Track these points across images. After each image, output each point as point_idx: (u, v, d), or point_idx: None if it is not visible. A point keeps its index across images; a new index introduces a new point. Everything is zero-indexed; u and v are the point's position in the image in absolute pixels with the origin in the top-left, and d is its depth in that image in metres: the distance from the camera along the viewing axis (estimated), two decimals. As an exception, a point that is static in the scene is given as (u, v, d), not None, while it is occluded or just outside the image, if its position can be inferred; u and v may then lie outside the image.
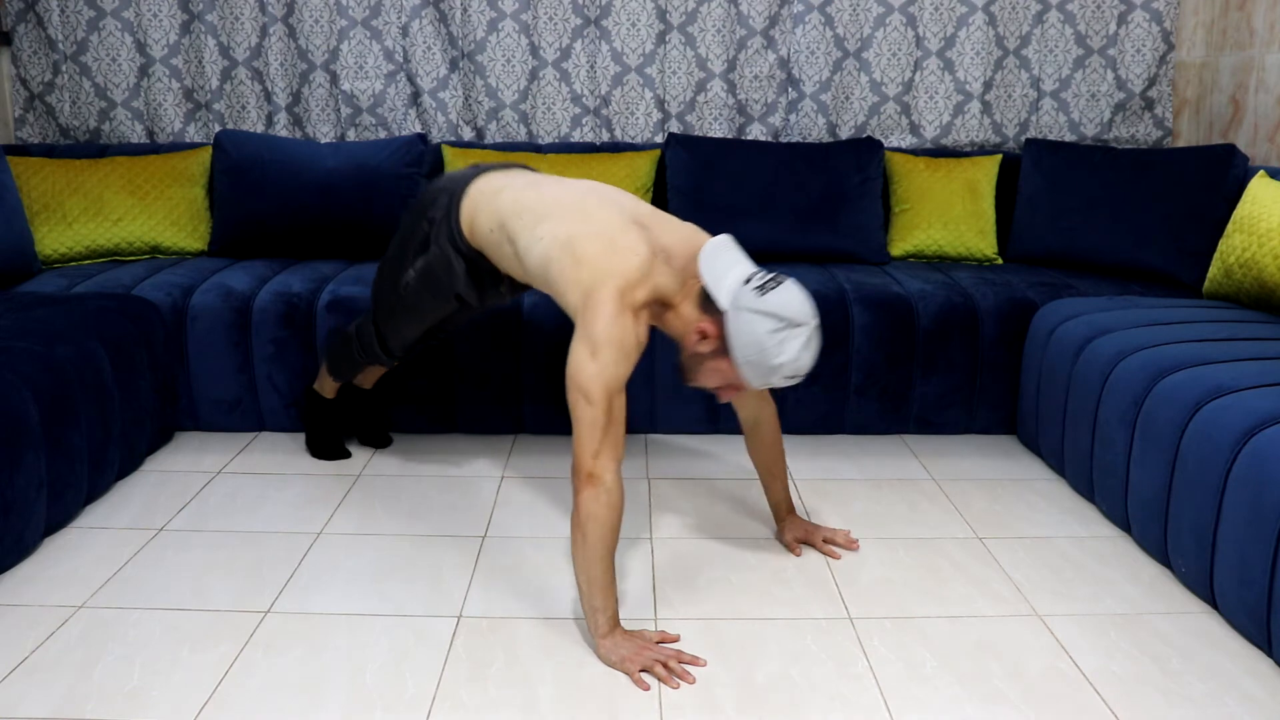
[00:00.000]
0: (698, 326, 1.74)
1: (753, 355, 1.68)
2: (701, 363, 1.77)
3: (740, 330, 1.68)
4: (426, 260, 2.07)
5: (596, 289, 1.68)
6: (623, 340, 1.66)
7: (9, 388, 1.95)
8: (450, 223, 2.01)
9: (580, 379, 1.65)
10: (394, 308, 2.20)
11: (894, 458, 2.66)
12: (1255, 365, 1.99)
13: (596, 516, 1.65)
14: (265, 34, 3.35)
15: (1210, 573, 1.84)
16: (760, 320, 1.66)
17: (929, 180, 3.20)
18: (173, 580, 1.96)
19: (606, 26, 3.37)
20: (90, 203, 2.99)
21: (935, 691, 1.63)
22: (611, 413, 1.66)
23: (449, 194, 2.04)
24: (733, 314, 1.69)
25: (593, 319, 1.67)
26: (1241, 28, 3.08)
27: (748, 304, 1.67)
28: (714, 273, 1.73)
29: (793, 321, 1.67)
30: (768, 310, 1.66)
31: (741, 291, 1.69)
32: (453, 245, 2.02)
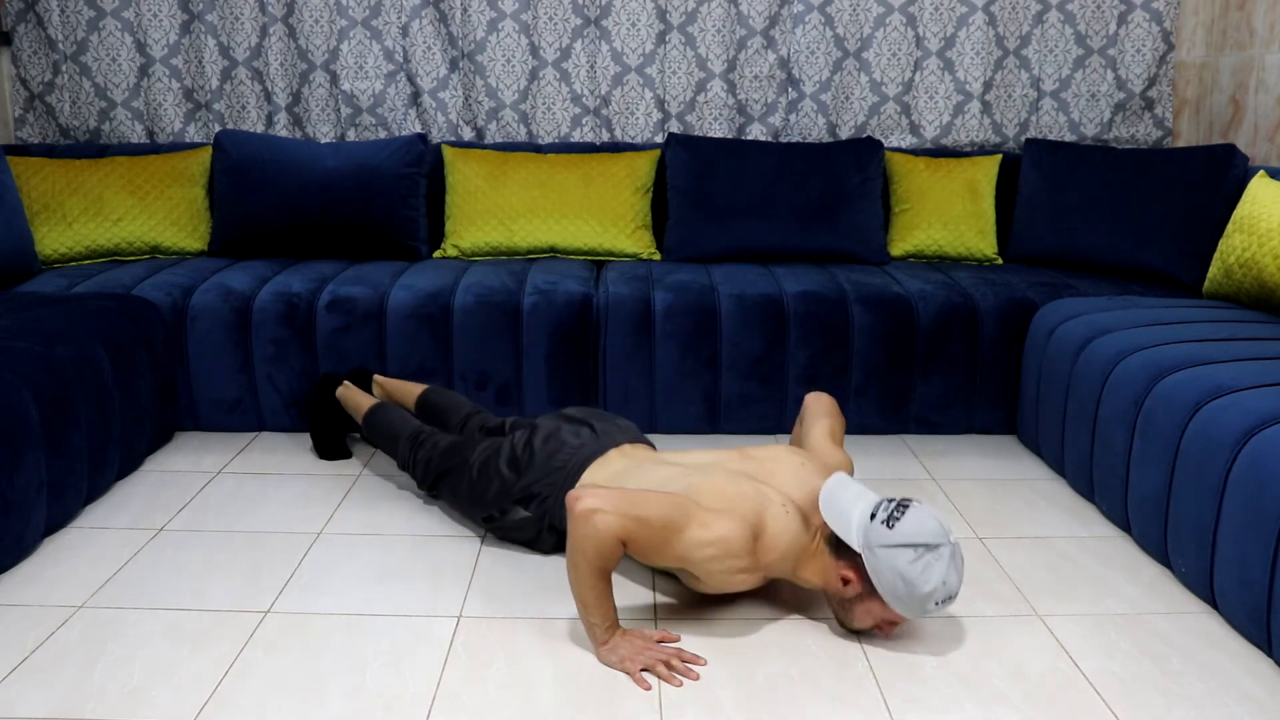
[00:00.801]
0: (839, 574, 1.71)
1: (900, 591, 1.64)
2: (852, 608, 1.73)
3: (881, 569, 1.65)
4: (521, 519, 2.03)
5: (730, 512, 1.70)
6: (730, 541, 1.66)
7: (9, 388, 1.95)
8: (558, 506, 1.97)
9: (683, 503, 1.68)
10: (462, 508, 2.18)
11: (894, 458, 2.66)
12: (1255, 365, 1.99)
13: (583, 551, 1.64)
14: (265, 34, 3.35)
15: (1210, 573, 1.84)
16: (898, 554, 1.63)
17: (929, 180, 3.20)
18: (173, 580, 1.96)
19: (606, 26, 3.37)
20: (90, 203, 2.99)
21: (935, 691, 1.63)
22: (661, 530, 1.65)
23: (564, 473, 2.00)
24: (868, 554, 1.66)
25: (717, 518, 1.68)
26: (1241, 28, 3.08)
27: (880, 540, 1.65)
28: (838, 516, 1.71)
29: (930, 545, 1.64)
30: (902, 542, 1.63)
31: (870, 529, 1.66)
32: (551, 526, 2.01)
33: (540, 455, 2.04)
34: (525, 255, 3.15)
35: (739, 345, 2.70)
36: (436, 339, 2.69)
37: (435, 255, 3.17)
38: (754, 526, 1.70)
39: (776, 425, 2.78)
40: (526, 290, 2.73)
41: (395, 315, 2.68)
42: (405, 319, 2.68)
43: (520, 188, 3.13)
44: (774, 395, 2.74)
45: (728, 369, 2.72)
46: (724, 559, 1.68)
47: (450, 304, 2.69)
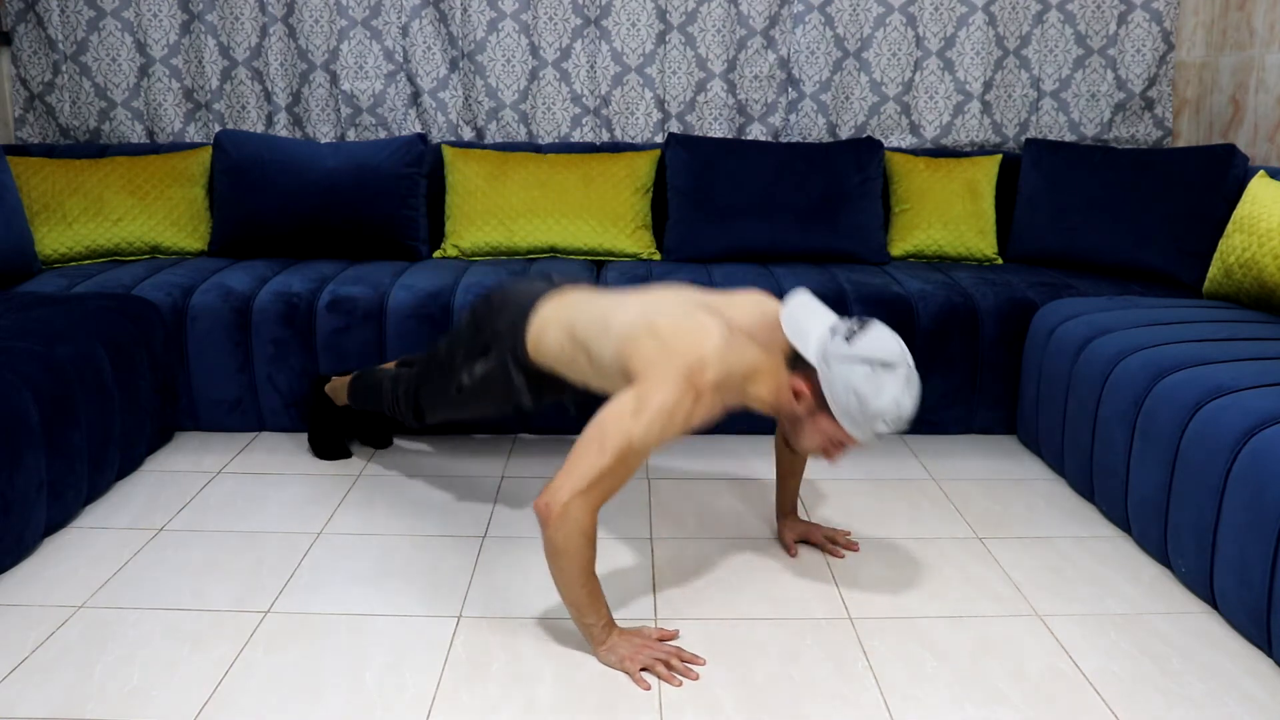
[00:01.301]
0: (791, 386, 1.70)
1: (851, 405, 1.62)
2: (801, 423, 1.71)
3: (834, 381, 1.62)
4: (486, 369, 2.02)
5: (668, 360, 1.64)
6: (673, 414, 1.61)
7: (9, 388, 1.95)
8: (515, 340, 1.97)
9: (609, 426, 1.61)
10: (443, 401, 2.17)
11: (894, 458, 2.66)
12: (1255, 365, 1.99)
13: (568, 553, 1.62)
14: (265, 34, 3.35)
15: (1210, 573, 1.84)
16: (853, 368, 1.61)
17: (929, 180, 3.20)
18: (173, 580, 1.96)
19: (606, 26, 3.37)
20: (90, 203, 3.00)
21: (935, 691, 1.63)
22: (620, 469, 1.61)
23: (516, 309, 1.99)
24: (823, 367, 1.64)
25: (653, 386, 1.62)
26: (1241, 28, 3.08)
27: (838, 354, 1.62)
28: (798, 330, 1.69)
29: (885, 363, 1.61)
30: (859, 356, 1.61)
31: (829, 343, 1.65)
32: (515, 361, 1.99)
33: (496, 302, 2.04)
34: (525, 255, 3.15)
35: (739, 345, 2.70)
36: (437, 339, 2.69)
37: (435, 255, 3.18)
38: (688, 370, 1.63)
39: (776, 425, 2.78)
40: (526, 290, 2.73)
41: (395, 315, 2.68)
42: (405, 319, 2.68)
43: (520, 188, 3.13)
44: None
45: (728, 369, 2.71)
46: (673, 423, 1.62)
47: (450, 304, 2.69)
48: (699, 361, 1.64)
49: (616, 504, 2.35)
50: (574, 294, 1.99)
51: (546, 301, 1.97)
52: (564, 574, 1.65)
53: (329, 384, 2.58)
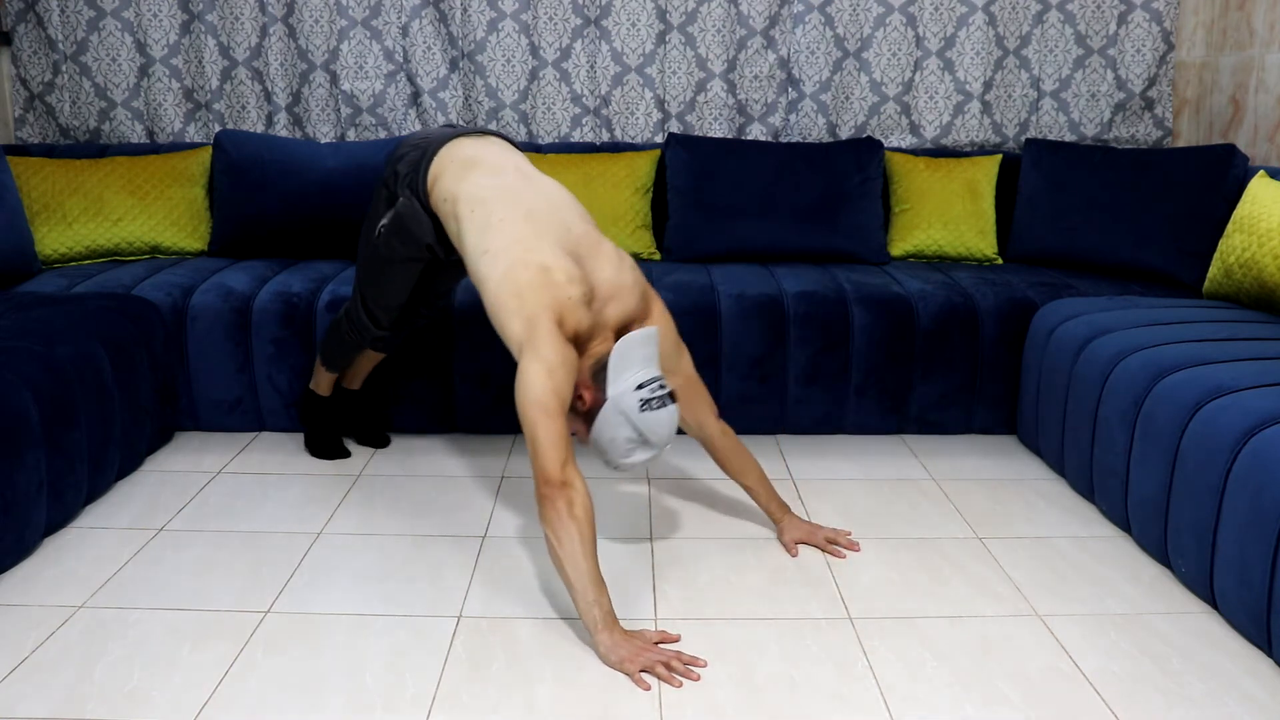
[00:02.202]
0: (584, 387, 1.84)
1: (604, 444, 1.83)
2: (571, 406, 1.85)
3: (607, 423, 1.81)
4: (396, 211, 2.14)
5: (538, 317, 1.77)
6: (565, 361, 1.76)
7: (9, 388, 1.95)
8: (417, 176, 2.09)
9: (540, 395, 1.72)
10: (372, 266, 2.26)
11: (894, 458, 2.66)
12: (1255, 365, 1.99)
13: (579, 520, 1.70)
14: (265, 34, 3.35)
15: (1210, 573, 1.84)
16: (624, 427, 1.79)
17: (929, 180, 3.20)
18: (173, 580, 1.96)
19: (606, 26, 3.37)
20: (90, 203, 2.99)
21: (935, 691, 1.63)
22: (559, 420, 1.74)
23: (421, 150, 2.12)
24: (609, 405, 1.80)
25: (540, 343, 1.75)
26: (1241, 28, 3.08)
27: (626, 407, 1.79)
28: (621, 362, 1.82)
29: (649, 442, 1.81)
30: (638, 425, 1.79)
31: (629, 395, 1.79)
32: (417, 198, 2.10)
33: (399, 149, 2.17)
34: (525, 255, 3.15)
35: (739, 345, 2.70)
36: (436, 339, 2.69)
37: (435, 255, 3.17)
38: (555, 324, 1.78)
39: (777, 425, 2.78)
40: (526, 290, 2.73)
41: (395, 315, 2.68)
42: (405, 319, 2.68)
43: (520, 188, 3.12)
44: (774, 395, 2.74)
45: (728, 369, 2.72)
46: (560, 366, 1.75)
47: (450, 304, 2.69)
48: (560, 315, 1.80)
49: (617, 504, 2.35)
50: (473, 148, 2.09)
51: (448, 147, 2.09)
52: (574, 550, 1.69)
53: (311, 380, 2.60)
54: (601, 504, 2.34)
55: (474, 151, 2.08)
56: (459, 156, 2.07)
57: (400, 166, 2.14)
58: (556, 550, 1.70)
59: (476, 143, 2.12)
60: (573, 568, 1.69)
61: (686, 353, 2.10)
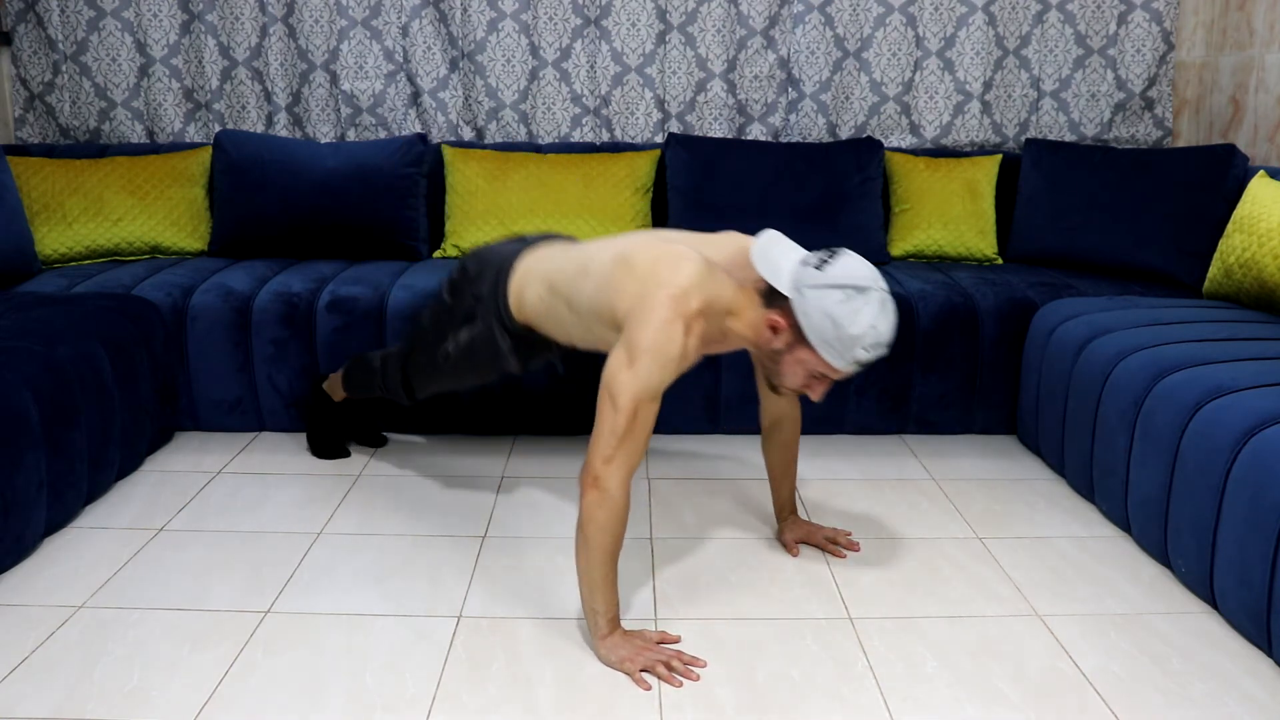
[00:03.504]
0: (767, 320, 1.69)
1: (829, 332, 1.61)
2: (780, 359, 1.71)
3: (810, 310, 1.62)
4: (471, 335, 2.03)
5: (649, 294, 1.63)
6: (666, 348, 1.60)
7: (9, 388, 1.95)
8: (497, 300, 1.97)
9: (612, 383, 1.62)
10: (430, 372, 2.18)
11: (894, 458, 2.66)
12: (1255, 365, 1.99)
13: (597, 521, 1.64)
14: (265, 34, 3.35)
15: (1210, 573, 1.84)
16: (827, 294, 1.60)
17: (929, 180, 3.20)
18: (173, 580, 1.96)
19: (606, 26, 3.37)
20: (90, 203, 2.99)
21: (935, 691, 1.63)
22: (635, 422, 1.61)
23: (495, 270, 1.99)
24: (797, 297, 1.63)
25: (639, 325, 1.62)
26: (1241, 28, 3.08)
27: (810, 281, 1.62)
28: (770, 264, 1.68)
29: (859, 287, 1.61)
30: (832, 282, 1.60)
31: (801, 272, 1.64)
32: (499, 323, 1.99)
33: (472, 269, 2.04)
34: (525, 255, 3.15)
35: (739, 345, 2.70)
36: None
37: (435, 255, 3.18)
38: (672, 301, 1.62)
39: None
40: (526, 290, 2.73)
41: (395, 315, 2.68)
42: (405, 319, 2.68)
43: (520, 188, 3.13)
44: (774, 395, 2.74)
45: (728, 369, 2.72)
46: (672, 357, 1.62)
47: (450, 304, 2.69)
48: (681, 291, 1.63)
49: (616, 504, 2.35)
50: (549, 248, 1.99)
51: (523, 259, 1.98)
52: (590, 549, 1.65)
53: (326, 381, 2.59)
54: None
55: (547, 250, 1.98)
56: (534, 264, 1.95)
57: (478, 289, 2.00)
58: (576, 548, 1.68)
59: (546, 245, 2.02)
60: (584, 571, 1.68)
61: None
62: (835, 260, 1.64)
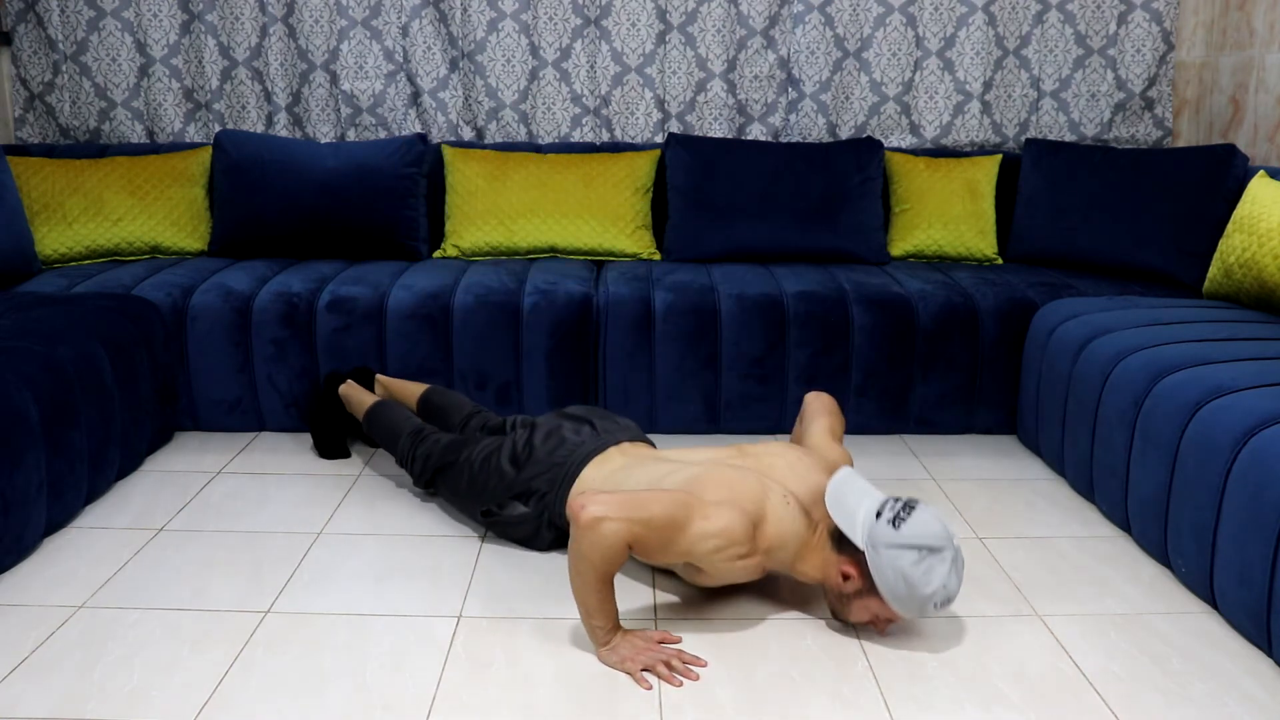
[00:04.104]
0: (840, 569, 1.73)
1: (901, 591, 1.65)
2: (849, 603, 1.74)
3: (883, 567, 1.65)
4: (520, 514, 2.04)
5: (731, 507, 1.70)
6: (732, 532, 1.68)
7: (9, 388, 1.95)
8: (556, 501, 1.99)
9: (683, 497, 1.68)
10: (460, 504, 2.19)
11: (894, 458, 2.66)
12: (1255, 365, 1.99)
13: (591, 559, 1.63)
14: (265, 34, 3.35)
15: (1210, 573, 1.84)
16: (901, 554, 1.64)
17: (929, 180, 3.20)
18: (173, 580, 1.96)
19: (606, 26, 3.37)
20: (90, 203, 2.99)
21: (935, 691, 1.63)
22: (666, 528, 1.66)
23: (562, 470, 2.00)
24: (871, 553, 1.67)
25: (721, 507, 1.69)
26: (1241, 28, 3.08)
27: (885, 540, 1.65)
28: (844, 511, 1.72)
29: (933, 549, 1.65)
30: (906, 543, 1.64)
31: (876, 527, 1.67)
32: (549, 520, 2.02)
33: (540, 451, 2.04)
34: (525, 255, 3.15)
35: (739, 345, 2.70)
36: (436, 339, 2.69)
37: (435, 255, 3.17)
38: (754, 515, 1.71)
39: (776, 425, 2.78)
40: (526, 290, 2.73)
41: (395, 315, 2.68)
42: (405, 319, 2.68)
43: (520, 188, 3.13)
44: (774, 395, 2.74)
45: (728, 369, 2.72)
46: (728, 548, 1.69)
47: (450, 304, 2.69)
48: (760, 517, 1.72)
49: (616, 504, 2.34)
50: (621, 459, 1.98)
51: (592, 465, 1.98)
52: (580, 575, 1.66)
53: (344, 386, 2.56)
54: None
55: (623, 465, 1.97)
56: (604, 470, 1.96)
57: (541, 482, 2.01)
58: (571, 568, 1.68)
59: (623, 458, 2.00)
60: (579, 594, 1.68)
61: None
62: (910, 517, 1.67)
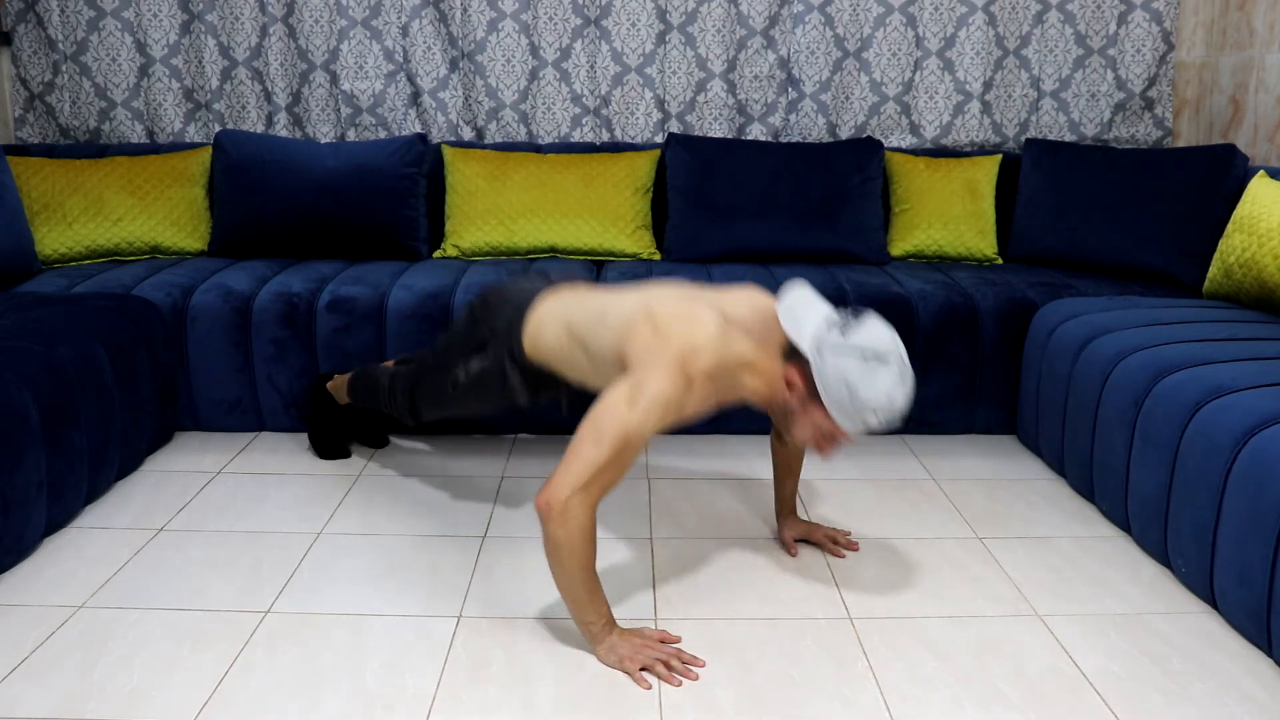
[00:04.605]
0: (784, 376, 1.69)
1: (842, 396, 1.61)
2: (794, 415, 1.71)
3: (826, 372, 1.62)
4: (482, 366, 2.03)
5: (662, 346, 1.65)
6: (667, 402, 1.62)
7: (9, 388, 1.95)
8: (511, 337, 1.98)
9: (604, 419, 1.61)
10: (438, 399, 2.18)
11: (894, 458, 2.66)
12: (1255, 365, 1.99)
13: (569, 546, 1.62)
14: (265, 34, 3.35)
15: (1210, 573, 1.84)
16: (846, 359, 1.61)
17: (929, 180, 3.20)
18: (173, 580, 1.96)
19: (606, 26, 3.37)
20: (90, 203, 2.99)
21: (935, 691, 1.63)
22: (618, 461, 1.62)
23: (514, 307, 2.00)
24: (816, 358, 1.63)
25: (647, 375, 1.63)
26: (1241, 28, 3.08)
27: (831, 343, 1.62)
28: (794, 322, 1.69)
29: (878, 354, 1.61)
30: (852, 346, 1.61)
31: (824, 334, 1.65)
32: (511, 358, 1.99)
33: (492, 302, 2.05)
34: (525, 255, 3.15)
35: (739, 345, 2.70)
36: (436, 339, 2.69)
37: (435, 255, 3.18)
38: (683, 355, 1.64)
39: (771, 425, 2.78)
40: (526, 290, 2.73)
41: (395, 315, 2.68)
42: (405, 319, 2.68)
43: (520, 188, 3.13)
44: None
45: (728, 369, 2.71)
46: (673, 411, 1.64)
47: (450, 304, 2.69)
48: (692, 349, 1.65)
49: (617, 504, 2.35)
50: (571, 292, 2.00)
51: (544, 299, 1.98)
52: (564, 571, 1.65)
53: (331, 382, 2.59)
54: (601, 503, 2.34)
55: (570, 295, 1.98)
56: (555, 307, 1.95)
57: (495, 323, 2.01)
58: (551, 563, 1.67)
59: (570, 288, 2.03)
60: (566, 590, 1.68)
61: None
62: (858, 324, 1.64)
